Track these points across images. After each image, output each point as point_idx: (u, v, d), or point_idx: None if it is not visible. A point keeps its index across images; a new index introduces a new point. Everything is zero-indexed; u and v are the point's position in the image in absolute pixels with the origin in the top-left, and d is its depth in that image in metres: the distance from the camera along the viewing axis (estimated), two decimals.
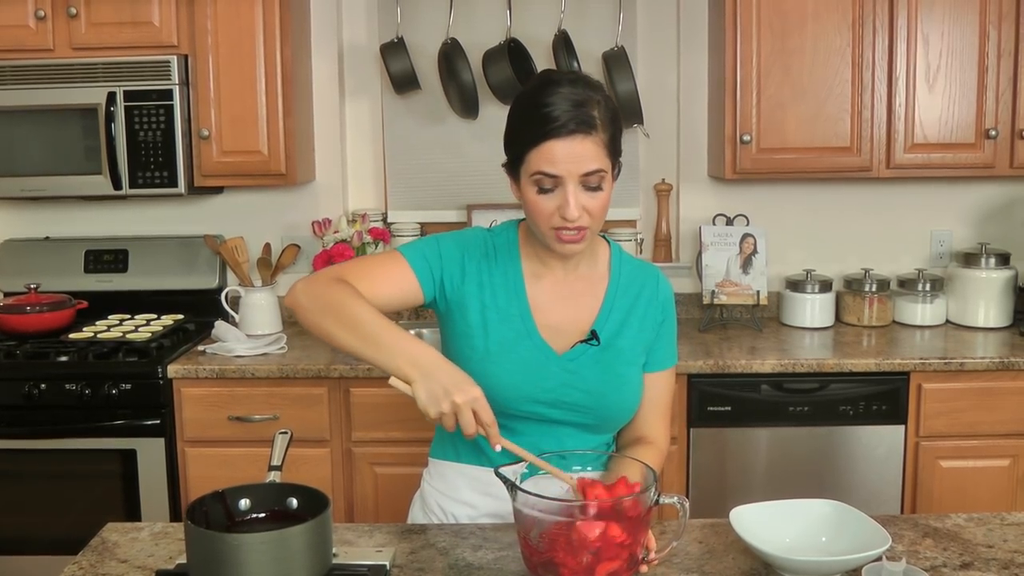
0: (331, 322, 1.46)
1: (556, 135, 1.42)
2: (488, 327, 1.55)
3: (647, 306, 1.62)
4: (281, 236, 3.31)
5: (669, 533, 1.49)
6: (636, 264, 1.67)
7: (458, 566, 1.43)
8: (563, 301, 1.58)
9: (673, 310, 1.67)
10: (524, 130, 1.46)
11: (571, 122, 1.42)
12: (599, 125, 1.44)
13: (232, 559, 1.21)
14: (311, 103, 3.24)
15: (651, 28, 3.27)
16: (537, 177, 1.45)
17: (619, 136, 1.51)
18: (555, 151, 1.42)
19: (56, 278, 3.19)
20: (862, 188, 3.27)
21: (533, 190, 1.46)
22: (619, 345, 1.57)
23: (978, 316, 3.05)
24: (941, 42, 2.86)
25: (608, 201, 1.50)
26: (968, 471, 2.72)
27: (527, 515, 1.31)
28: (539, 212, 1.47)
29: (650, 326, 1.62)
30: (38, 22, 2.86)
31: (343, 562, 1.40)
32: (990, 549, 1.48)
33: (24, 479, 2.73)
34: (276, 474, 1.44)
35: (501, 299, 1.57)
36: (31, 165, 2.90)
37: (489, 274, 1.58)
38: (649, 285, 1.64)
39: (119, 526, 1.61)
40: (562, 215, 1.45)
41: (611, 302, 1.60)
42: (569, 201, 1.43)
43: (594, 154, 1.44)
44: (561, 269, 1.60)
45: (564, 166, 1.42)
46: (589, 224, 1.47)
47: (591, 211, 1.46)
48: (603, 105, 1.47)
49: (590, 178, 1.44)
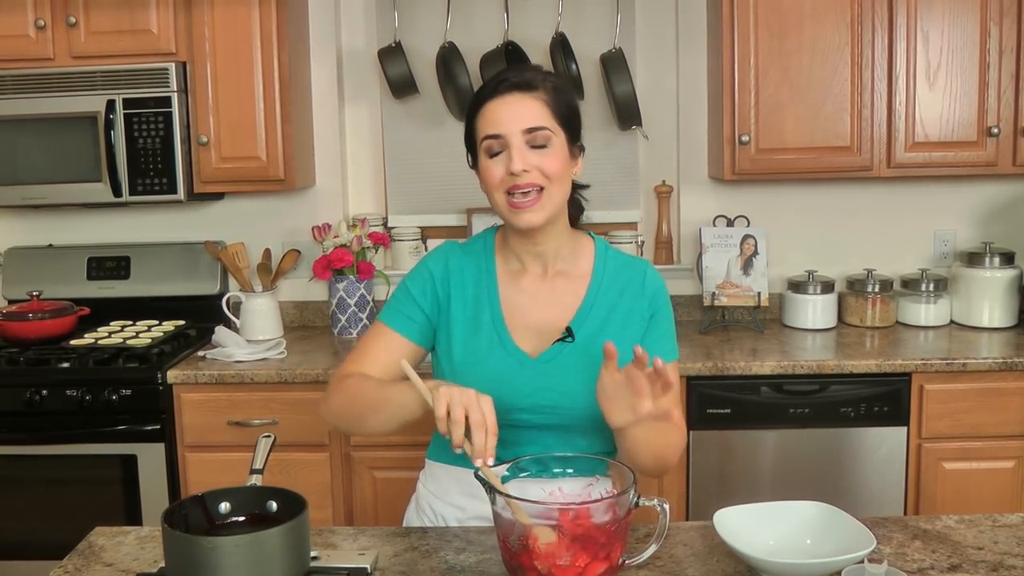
0: (354, 420, 1.57)
1: (495, 92, 1.48)
2: (463, 338, 1.56)
3: (632, 302, 1.60)
4: (282, 241, 3.32)
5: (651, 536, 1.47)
6: (623, 260, 1.64)
7: (439, 569, 1.43)
8: (542, 301, 1.58)
9: (666, 304, 1.63)
10: (472, 105, 1.53)
11: (508, 81, 1.48)
12: (540, 87, 1.49)
13: (207, 562, 1.21)
14: (310, 108, 3.24)
15: (650, 29, 3.26)
16: (485, 143, 1.49)
17: (572, 113, 1.53)
18: (495, 109, 1.48)
19: (59, 285, 3.21)
20: (865, 188, 3.25)
21: (485, 160, 1.50)
22: (599, 343, 1.55)
23: (982, 316, 3.01)
24: (941, 39, 2.84)
25: (563, 166, 1.50)
26: (972, 473, 2.69)
27: (506, 519, 1.30)
28: (491, 179, 1.50)
29: (636, 322, 1.59)
30: (38, 31, 2.88)
31: (324, 565, 1.40)
32: (980, 551, 1.46)
33: (26, 484, 2.74)
34: (257, 477, 1.44)
35: (473, 308, 1.58)
36: (32, 173, 2.92)
37: (461, 285, 1.60)
38: (635, 281, 1.61)
39: (107, 530, 1.62)
40: (510, 170, 1.46)
41: (592, 299, 1.58)
42: (513, 155, 1.46)
43: (536, 111, 1.47)
44: (539, 268, 1.59)
45: (506, 124, 1.47)
46: (544, 184, 1.48)
47: (543, 169, 1.48)
48: (550, 82, 1.51)
49: (535, 135, 1.47)
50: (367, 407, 1.53)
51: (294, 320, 3.36)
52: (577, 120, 1.55)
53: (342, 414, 1.58)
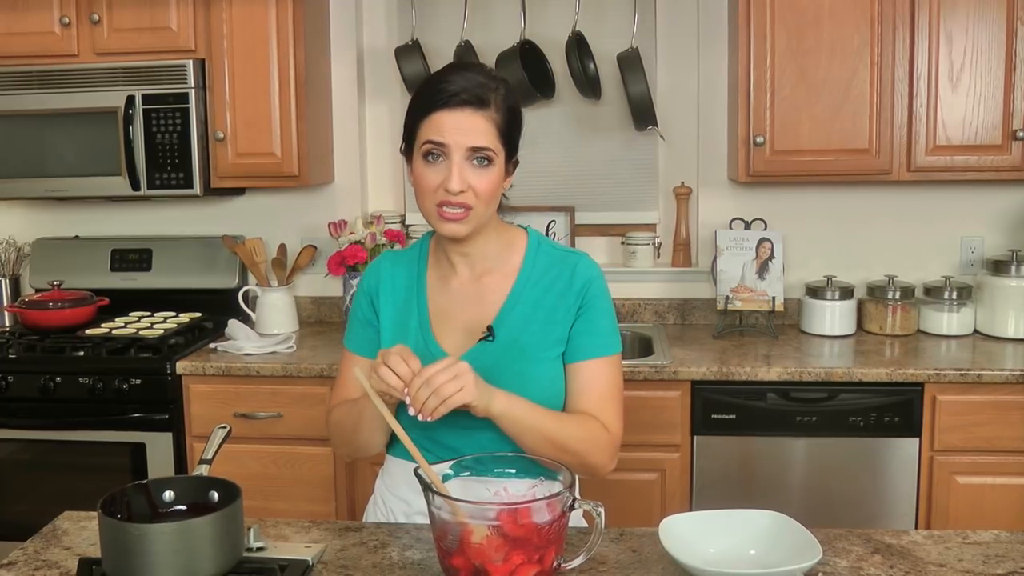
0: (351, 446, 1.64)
1: (446, 105, 1.45)
2: (390, 343, 1.57)
3: (559, 297, 1.56)
4: (301, 237, 3.36)
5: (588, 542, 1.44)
6: (555, 254, 1.60)
7: (382, 565, 1.43)
8: (469, 303, 1.57)
9: (597, 296, 1.57)
10: (418, 105, 1.50)
11: (463, 93, 1.45)
12: (492, 105, 1.47)
13: (136, 548, 1.23)
14: (329, 105, 3.28)
15: (671, 28, 3.22)
16: (426, 147, 1.47)
17: (516, 129, 1.53)
18: (444, 121, 1.45)
19: (84, 276, 3.30)
20: (889, 192, 3.16)
21: (421, 163, 1.48)
22: (522, 341, 1.53)
23: (1007, 327, 2.90)
24: (965, 39, 2.75)
25: (497, 186, 1.50)
26: (986, 488, 2.60)
27: (441, 519, 1.29)
28: (425, 185, 1.48)
29: (562, 317, 1.55)
30: (63, 28, 2.96)
31: (264, 556, 1.40)
32: (941, 568, 1.40)
33: (39, 468, 2.83)
34: (205, 467, 1.45)
35: (403, 312, 1.60)
36: (56, 166, 3.01)
37: (392, 291, 1.62)
38: (564, 275, 1.57)
39: (74, 515, 1.65)
40: (445, 187, 1.45)
41: (517, 296, 1.56)
42: (453, 172, 1.45)
43: (484, 130, 1.46)
44: (467, 269, 1.59)
45: (452, 136, 1.45)
46: (474, 204, 1.47)
47: (477, 190, 1.47)
48: (501, 93, 1.49)
49: (477, 154, 1.46)
50: (351, 430, 1.61)
51: (311, 315, 3.40)
52: (518, 132, 1.55)
53: (341, 445, 1.68)
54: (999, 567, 1.40)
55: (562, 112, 3.28)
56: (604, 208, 3.32)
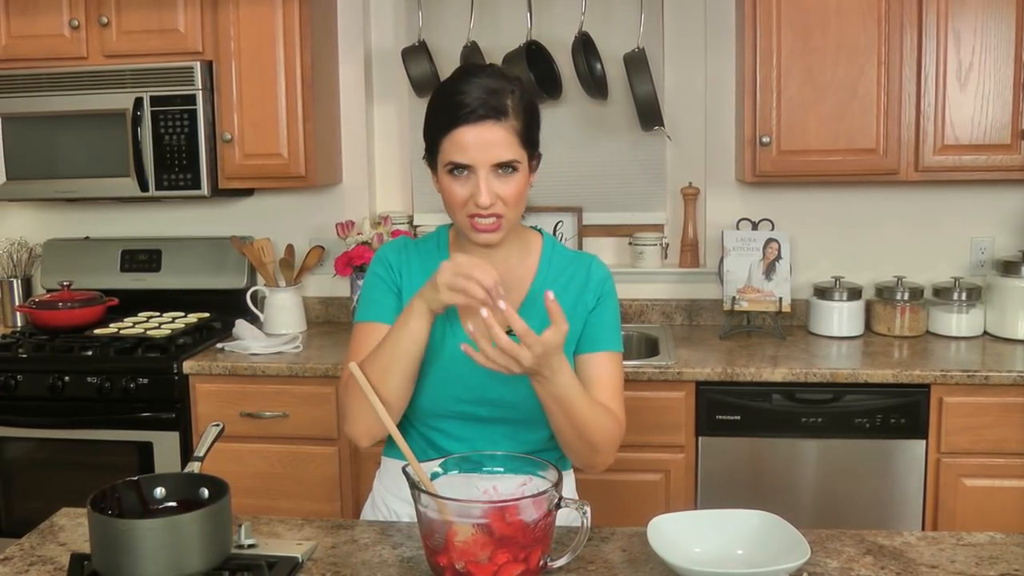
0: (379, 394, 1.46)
1: (466, 121, 1.45)
2: None
3: (577, 295, 1.60)
4: (309, 238, 3.37)
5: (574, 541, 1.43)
6: (569, 256, 1.65)
7: (372, 562, 1.43)
8: None
9: (611, 293, 1.63)
10: (437, 118, 1.50)
11: (481, 107, 1.45)
12: (511, 113, 1.47)
13: (124, 544, 1.24)
14: (337, 106, 3.29)
15: (678, 28, 3.21)
16: (450, 166, 1.48)
17: (535, 127, 1.53)
18: (465, 139, 1.45)
19: (95, 276, 3.33)
20: (897, 192, 3.13)
21: (448, 178, 1.49)
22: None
23: (1017, 328, 2.88)
24: (974, 38, 2.72)
25: (524, 190, 1.51)
26: (994, 491, 2.57)
27: (428, 518, 1.29)
28: (454, 200, 1.50)
29: (580, 315, 1.59)
30: (72, 31, 2.99)
31: (254, 552, 1.41)
32: (932, 570, 1.39)
33: (47, 467, 2.85)
34: (197, 464, 1.46)
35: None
36: (66, 168, 3.04)
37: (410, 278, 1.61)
38: (580, 274, 1.62)
39: (71, 511, 1.67)
40: (475, 202, 1.47)
41: (536, 295, 1.58)
42: (480, 188, 1.46)
43: (506, 142, 1.46)
44: (490, 264, 1.58)
45: (474, 154, 1.45)
46: (504, 212, 1.49)
47: (505, 198, 1.48)
48: (516, 95, 1.49)
49: (502, 167, 1.47)
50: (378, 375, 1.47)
51: (319, 315, 3.41)
52: (538, 129, 1.54)
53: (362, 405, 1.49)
54: (992, 569, 1.39)
55: (569, 113, 3.28)
56: (611, 209, 3.32)
